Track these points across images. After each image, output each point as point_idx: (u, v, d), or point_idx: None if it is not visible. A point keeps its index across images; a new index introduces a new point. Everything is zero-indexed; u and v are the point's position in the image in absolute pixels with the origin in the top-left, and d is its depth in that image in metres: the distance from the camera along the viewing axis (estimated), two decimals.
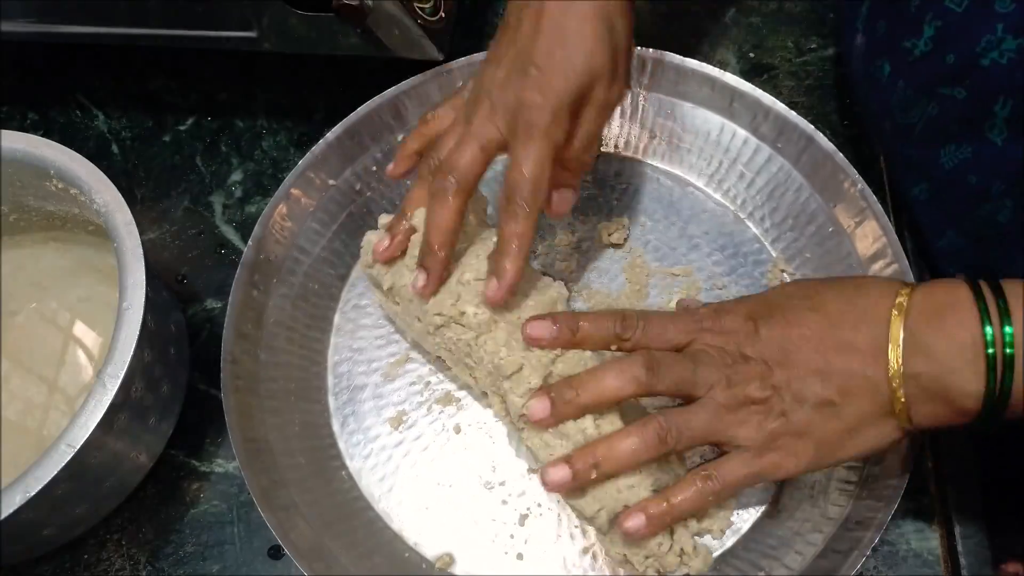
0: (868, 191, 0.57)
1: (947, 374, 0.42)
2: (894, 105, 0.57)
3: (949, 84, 0.52)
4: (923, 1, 0.52)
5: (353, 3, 0.55)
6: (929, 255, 0.60)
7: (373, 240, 0.55)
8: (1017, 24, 0.47)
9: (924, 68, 0.53)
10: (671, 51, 0.63)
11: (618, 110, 0.65)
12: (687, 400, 0.47)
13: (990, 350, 0.41)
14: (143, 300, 0.49)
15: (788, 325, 0.46)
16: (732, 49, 0.71)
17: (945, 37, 0.52)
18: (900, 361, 0.43)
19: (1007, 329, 0.41)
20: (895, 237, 0.56)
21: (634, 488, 0.47)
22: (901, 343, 0.43)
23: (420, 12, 0.58)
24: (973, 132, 0.52)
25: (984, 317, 0.42)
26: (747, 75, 0.69)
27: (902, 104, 0.56)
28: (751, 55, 0.71)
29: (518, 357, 0.50)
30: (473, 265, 0.52)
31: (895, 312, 0.44)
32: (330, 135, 0.62)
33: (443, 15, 0.60)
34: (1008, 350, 0.41)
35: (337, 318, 0.62)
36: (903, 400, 0.43)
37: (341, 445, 0.58)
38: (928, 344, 0.43)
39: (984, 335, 0.41)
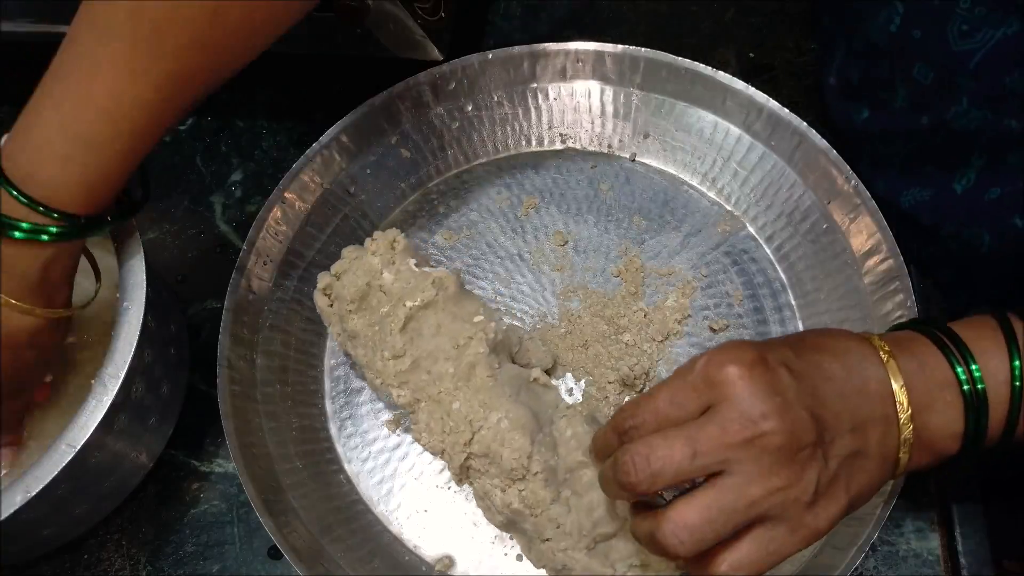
0: (862, 187, 0.57)
1: (933, 417, 0.43)
2: (868, 142, 0.59)
3: (927, 136, 0.54)
4: (893, 67, 0.54)
5: (353, 3, 0.55)
6: (920, 262, 0.61)
7: (321, 303, 0.55)
8: (980, 98, 0.49)
9: (902, 120, 0.55)
10: (671, 51, 0.63)
11: (611, 110, 0.66)
12: None
13: (965, 387, 0.42)
14: (143, 300, 0.49)
15: (811, 373, 0.41)
16: (732, 49, 0.71)
17: (916, 102, 0.53)
18: (907, 402, 0.42)
19: (973, 367, 0.42)
20: (889, 233, 0.56)
21: (568, 551, 0.48)
22: (903, 385, 0.42)
23: (420, 12, 0.58)
24: (940, 177, 0.54)
25: (951, 359, 0.43)
26: (747, 75, 0.69)
27: (876, 143, 0.58)
28: (751, 55, 0.71)
29: (437, 442, 0.51)
30: (389, 342, 0.52)
31: (885, 359, 0.43)
32: (324, 138, 0.62)
33: (443, 15, 0.60)
34: (980, 386, 0.42)
35: None
36: (907, 447, 0.42)
37: (339, 449, 0.58)
38: (918, 389, 0.42)
39: (956, 375, 0.42)
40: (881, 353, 0.43)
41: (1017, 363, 0.42)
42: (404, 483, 0.57)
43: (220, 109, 0.72)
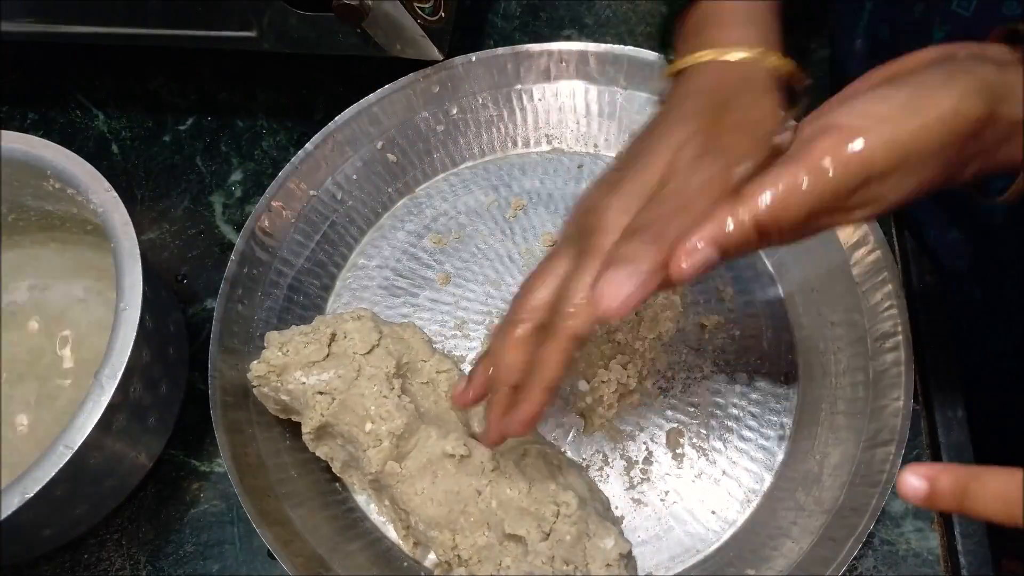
0: None
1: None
2: None
3: None
4: (928, 6, 0.52)
5: (353, 3, 0.55)
6: (932, 251, 0.60)
7: (269, 356, 0.53)
8: None
9: None
10: (671, 51, 0.63)
11: (596, 109, 0.66)
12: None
13: None
14: (140, 300, 0.49)
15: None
16: None
17: (955, 40, 0.51)
18: None
19: None
20: (876, 224, 0.56)
21: None
22: None
23: (420, 12, 0.58)
24: None
25: None
26: None
27: None
28: None
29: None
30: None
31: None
32: (309, 145, 0.62)
33: (443, 15, 0.60)
34: None
35: None
36: None
37: None
38: None
39: None
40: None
41: None
42: None
43: (220, 109, 0.72)
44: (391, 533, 0.56)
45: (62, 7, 0.61)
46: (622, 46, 0.63)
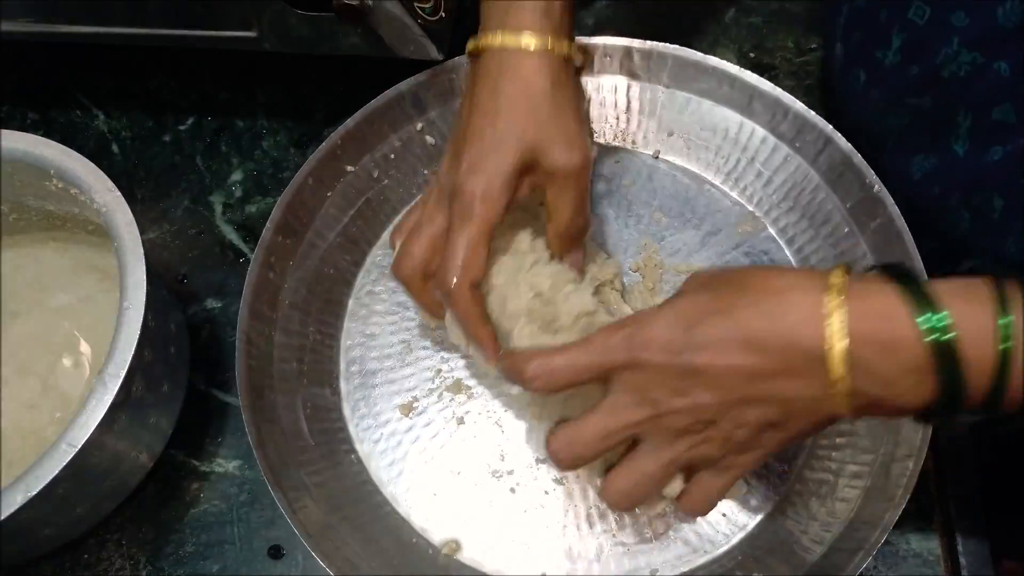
0: (885, 193, 0.56)
1: (892, 385, 0.38)
2: (869, 115, 0.58)
3: (916, 94, 0.53)
4: (890, 13, 0.53)
5: (353, 3, 0.55)
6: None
7: None
8: (972, 38, 0.48)
9: (894, 78, 0.54)
10: None
11: (637, 106, 0.65)
12: None
13: (927, 339, 0.36)
14: (143, 299, 0.49)
15: (715, 355, 0.40)
16: (732, 49, 0.71)
17: (910, 49, 0.52)
18: (847, 382, 0.38)
19: (942, 313, 0.36)
20: (911, 240, 0.55)
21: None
22: (845, 363, 0.38)
23: (420, 12, 0.58)
24: (939, 142, 0.53)
25: (915, 308, 0.37)
26: None
27: (876, 114, 0.57)
28: (751, 55, 0.71)
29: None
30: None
31: (831, 331, 0.38)
32: (349, 122, 0.61)
33: (443, 15, 0.60)
34: (947, 336, 0.36)
35: (351, 303, 0.62)
36: (848, 408, 0.40)
37: (351, 429, 0.59)
38: (872, 367, 0.38)
39: (921, 333, 0.37)
40: (828, 328, 0.38)
41: (1007, 320, 0.36)
42: (414, 466, 0.57)
43: (220, 109, 0.72)
44: (402, 509, 0.56)
45: (62, 7, 0.61)
46: (667, 44, 0.63)
